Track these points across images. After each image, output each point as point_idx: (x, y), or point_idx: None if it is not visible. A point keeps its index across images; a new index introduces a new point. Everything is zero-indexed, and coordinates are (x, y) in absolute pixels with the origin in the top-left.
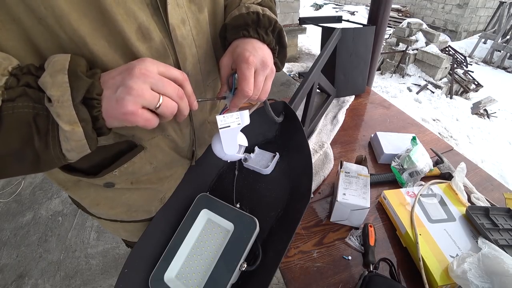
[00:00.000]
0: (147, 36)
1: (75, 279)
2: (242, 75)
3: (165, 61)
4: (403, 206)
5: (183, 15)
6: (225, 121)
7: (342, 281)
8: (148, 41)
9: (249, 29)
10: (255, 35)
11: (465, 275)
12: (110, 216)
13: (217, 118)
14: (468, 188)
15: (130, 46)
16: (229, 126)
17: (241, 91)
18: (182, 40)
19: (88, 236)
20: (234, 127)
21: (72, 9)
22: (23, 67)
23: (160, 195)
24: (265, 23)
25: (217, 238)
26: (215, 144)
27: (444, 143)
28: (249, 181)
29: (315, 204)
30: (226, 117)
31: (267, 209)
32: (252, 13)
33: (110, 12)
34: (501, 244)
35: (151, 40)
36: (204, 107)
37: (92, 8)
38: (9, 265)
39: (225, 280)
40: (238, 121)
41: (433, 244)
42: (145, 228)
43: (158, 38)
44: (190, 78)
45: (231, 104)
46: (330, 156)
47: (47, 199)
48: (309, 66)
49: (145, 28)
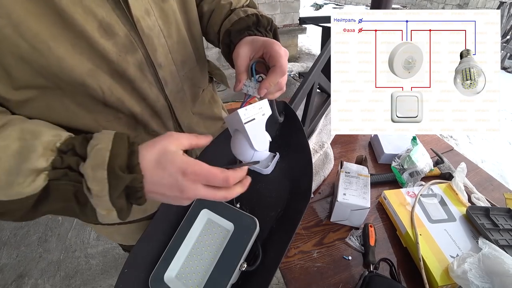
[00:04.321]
0: (110, 32)
1: (75, 279)
2: (277, 53)
3: (133, 55)
4: (403, 206)
5: (146, 6)
6: (248, 114)
7: (342, 281)
8: (112, 37)
9: (252, 30)
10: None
11: (465, 275)
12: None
13: (239, 113)
14: (468, 188)
15: (95, 45)
16: (254, 119)
17: (280, 67)
18: (148, 31)
19: (88, 236)
20: (260, 118)
21: (28, 14)
22: (69, 143)
23: None
24: (264, 23)
25: (217, 238)
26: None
27: (444, 143)
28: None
29: (315, 204)
30: (248, 110)
31: (267, 209)
32: (252, 15)
33: (67, 12)
34: (501, 244)
35: (116, 36)
36: (184, 98)
37: (49, 10)
38: (9, 265)
39: (225, 280)
40: (262, 111)
41: (433, 244)
42: (145, 228)
43: (123, 33)
44: (163, 70)
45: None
46: (330, 156)
47: None
48: (309, 66)
49: (107, 24)
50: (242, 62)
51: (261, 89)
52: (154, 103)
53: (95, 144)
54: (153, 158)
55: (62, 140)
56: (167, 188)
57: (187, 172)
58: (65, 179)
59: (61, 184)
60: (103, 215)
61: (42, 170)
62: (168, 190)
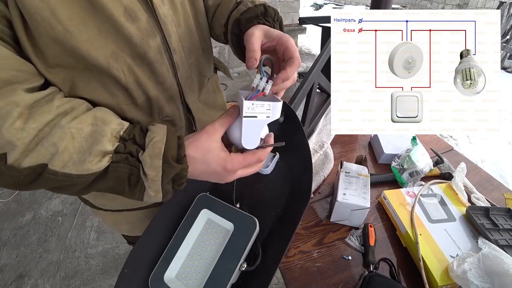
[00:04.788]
0: (134, 16)
1: (75, 279)
2: (293, 46)
3: (154, 39)
4: (403, 206)
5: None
6: (253, 109)
7: (342, 281)
8: (136, 22)
9: (260, 19)
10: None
11: (465, 275)
12: (113, 207)
13: (244, 104)
14: (468, 188)
15: (121, 29)
16: (256, 117)
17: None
18: (164, 18)
19: (88, 236)
20: (262, 119)
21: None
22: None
23: None
24: (271, 13)
25: (217, 238)
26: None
27: (444, 143)
28: (249, 181)
29: (315, 204)
30: (254, 105)
31: (267, 209)
32: (259, 5)
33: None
34: (501, 244)
35: (138, 20)
36: (192, 85)
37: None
38: (9, 265)
39: (225, 280)
40: (268, 113)
41: (433, 244)
42: (145, 228)
43: (144, 18)
44: (177, 55)
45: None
46: (330, 156)
47: (47, 199)
48: (309, 66)
49: (131, 10)
50: (256, 41)
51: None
52: (170, 86)
53: (153, 136)
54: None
55: (124, 129)
56: (210, 176)
57: (227, 168)
58: (124, 163)
59: (120, 166)
60: (151, 195)
61: (108, 152)
62: (211, 178)
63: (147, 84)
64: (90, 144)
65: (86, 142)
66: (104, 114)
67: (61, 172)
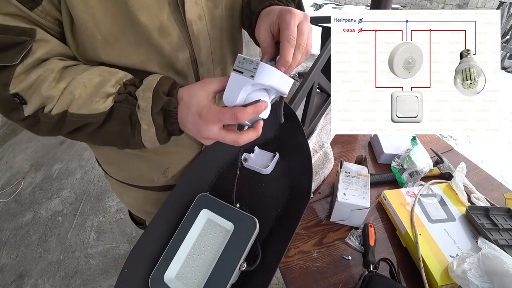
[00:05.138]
0: (167, 32)
1: (75, 279)
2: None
3: (183, 53)
4: (403, 206)
5: (200, 12)
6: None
7: (342, 281)
8: (167, 37)
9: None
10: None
11: (465, 275)
12: (119, 177)
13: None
14: (468, 188)
15: (153, 42)
16: (242, 73)
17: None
18: (198, 34)
19: (88, 236)
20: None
21: (107, 13)
22: (132, 80)
23: (163, 168)
24: None
25: (217, 238)
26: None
27: (444, 143)
28: (249, 181)
29: (315, 204)
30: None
31: (267, 209)
32: None
33: (136, 15)
34: (501, 244)
35: (170, 35)
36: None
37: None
38: (9, 265)
39: (225, 280)
40: (253, 72)
41: (433, 244)
42: (145, 228)
43: (176, 33)
44: (203, 68)
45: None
46: (330, 156)
47: (47, 199)
48: (309, 66)
49: (165, 26)
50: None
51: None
52: None
53: (148, 78)
54: (185, 99)
55: (128, 78)
56: (191, 125)
57: (202, 114)
58: (125, 103)
59: (122, 106)
60: (145, 129)
61: (111, 94)
62: (192, 127)
63: None
64: (98, 89)
65: (95, 88)
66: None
67: (76, 114)
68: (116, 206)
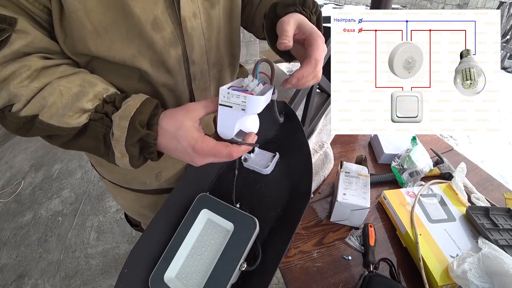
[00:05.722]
0: (160, 26)
1: (75, 279)
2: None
3: (175, 49)
4: (403, 206)
5: (195, 10)
6: (228, 98)
7: (342, 281)
8: (161, 31)
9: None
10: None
11: (465, 275)
12: (112, 179)
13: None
14: (468, 188)
15: (145, 36)
16: (231, 107)
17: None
18: (191, 31)
19: (88, 236)
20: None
21: (99, 4)
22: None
23: (155, 171)
24: (309, 4)
25: (217, 238)
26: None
27: (444, 143)
28: (249, 181)
29: (315, 204)
30: (231, 94)
31: (267, 209)
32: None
33: (130, 6)
34: (501, 244)
35: (163, 30)
36: (208, 96)
37: (115, 3)
38: (9, 265)
39: (225, 280)
40: (243, 105)
41: (433, 244)
42: (146, 228)
43: (170, 29)
44: (195, 66)
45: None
46: (330, 156)
47: (47, 199)
48: None
49: (159, 20)
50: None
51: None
52: (181, 94)
53: (129, 101)
54: (171, 131)
55: (108, 93)
56: (181, 155)
57: (196, 148)
58: (100, 122)
59: (97, 125)
60: (119, 157)
61: (87, 110)
62: (183, 156)
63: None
64: (74, 101)
65: (71, 99)
66: (93, 79)
67: (46, 123)
68: (116, 206)
